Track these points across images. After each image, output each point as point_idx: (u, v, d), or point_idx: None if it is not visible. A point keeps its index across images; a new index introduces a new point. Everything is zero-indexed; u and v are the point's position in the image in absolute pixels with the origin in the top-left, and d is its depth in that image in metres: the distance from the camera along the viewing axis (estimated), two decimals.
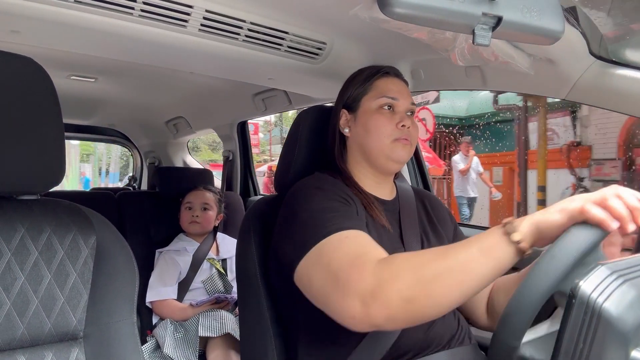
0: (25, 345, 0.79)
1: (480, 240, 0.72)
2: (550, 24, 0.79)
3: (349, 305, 0.75)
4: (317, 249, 0.83)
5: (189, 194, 2.10)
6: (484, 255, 0.70)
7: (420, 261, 0.74)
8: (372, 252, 0.80)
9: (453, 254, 0.72)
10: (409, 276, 0.72)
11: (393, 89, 1.05)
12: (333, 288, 0.78)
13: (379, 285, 0.73)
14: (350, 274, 0.76)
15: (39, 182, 0.83)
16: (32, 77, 0.81)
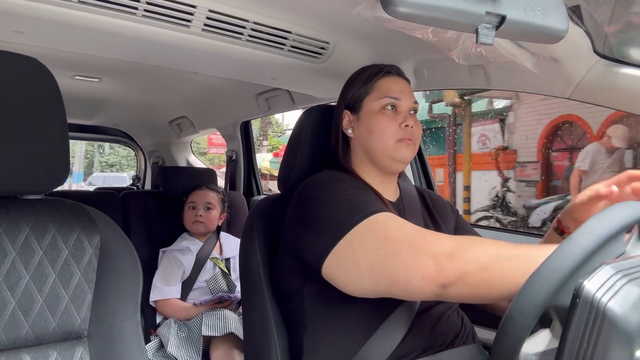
0: (29, 344, 0.80)
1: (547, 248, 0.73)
2: (554, 23, 0.79)
3: (421, 263, 0.76)
4: (362, 227, 0.83)
5: (192, 194, 2.11)
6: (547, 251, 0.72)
7: (497, 243, 0.76)
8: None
9: (527, 247, 0.75)
10: (490, 248, 0.75)
11: (395, 89, 1.05)
12: (398, 252, 0.78)
13: (460, 247, 0.75)
14: (425, 237, 0.79)
15: (43, 181, 0.84)
16: (36, 77, 0.82)
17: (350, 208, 0.86)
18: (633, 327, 0.55)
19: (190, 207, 2.07)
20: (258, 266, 1.08)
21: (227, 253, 2.06)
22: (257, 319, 1.09)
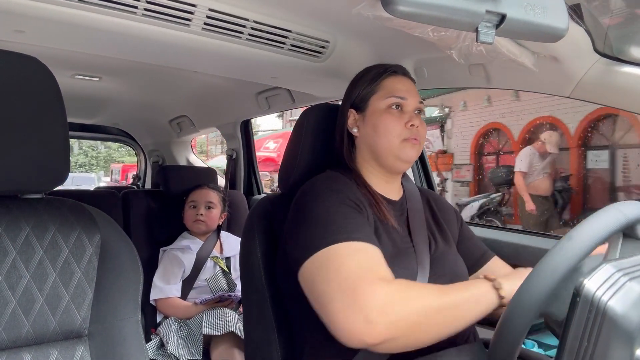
0: (30, 344, 0.80)
1: (474, 288, 0.83)
2: (555, 22, 0.78)
3: (352, 318, 0.75)
4: (325, 253, 0.83)
5: (192, 193, 2.10)
6: (476, 301, 0.81)
7: (427, 293, 0.81)
8: (383, 270, 0.83)
9: (454, 293, 0.81)
10: (418, 303, 0.78)
11: (401, 88, 1.05)
12: (338, 296, 0.78)
13: (391, 304, 0.76)
14: (361, 287, 0.77)
15: (44, 181, 0.84)
16: (36, 77, 0.82)
17: (325, 229, 0.86)
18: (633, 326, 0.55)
19: (191, 206, 2.07)
20: (258, 265, 1.08)
21: (227, 252, 2.06)
22: (258, 317, 1.09)
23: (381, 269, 0.83)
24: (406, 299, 0.78)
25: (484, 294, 0.82)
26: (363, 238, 0.85)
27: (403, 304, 0.77)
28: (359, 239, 0.85)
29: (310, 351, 0.98)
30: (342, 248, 0.83)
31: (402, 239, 1.01)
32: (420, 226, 1.06)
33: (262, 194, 2.66)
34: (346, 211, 0.90)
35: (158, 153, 3.26)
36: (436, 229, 1.10)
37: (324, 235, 0.85)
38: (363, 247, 0.84)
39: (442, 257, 1.05)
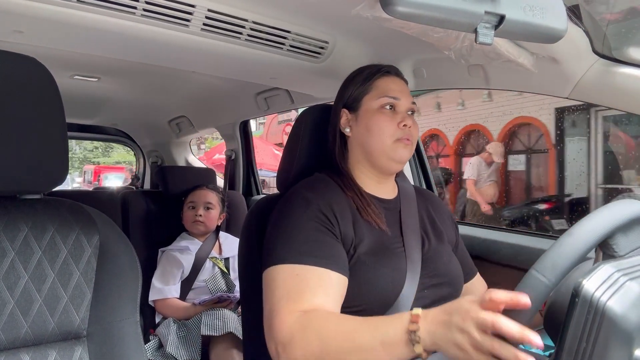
0: (28, 344, 0.80)
1: (385, 334, 0.73)
2: (553, 23, 0.79)
3: (270, 344, 0.84)
4: (273, 271, 0.90)
5: (191, 193, 2.10)
6: (385, 350, 0.72)
7: (329, 335, 0.78)
8: (308, 298, 0.85)
9: (359, 339, 0.75)
10: (315, 346, 0.77)
11: (394, 89, 1.05)
12: (265, 320, 0.88)
13: (290, 343, 0.80)
14: (275, 318, 0.84)
15: (42, 181, 0.84)
16: (35, 77, 0.81)
17: (281, 247, 0.92)
18: (632, 326, 0.55)
19: (189, 207, 2.07)
20: (256, 265, 1.07)
21: (226, 253, 2.06)
22: (256, 317, 1.09)
23: (309, 296, 0.85)
24: (304, 338, 0.79)
25: (395, 345, 0.71)
26: (310, 261, 0.88)
27: (300, 345, 0.78)
28: (304, 262, 0.88)
29: None
30: (284, 270, 0.89)
31: (392, 239, 1.01)
32: (413, 225, 1.06)
33: (261, 194, 2.66)
34: (309, 231, 0.92)
35: (157, 153, 3.26)
36: (430, 229, 1.10)
37: (278, 253, 0.91)
38: (302, 272, 0.88)
39: (435, 257, 1.05)
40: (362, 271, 0.93)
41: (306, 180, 1.05)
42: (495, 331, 0.60)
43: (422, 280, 0.98)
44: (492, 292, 0.62)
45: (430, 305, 0.98)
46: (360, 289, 0.92)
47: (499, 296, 0.61)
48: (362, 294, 0.92)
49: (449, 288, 1.03)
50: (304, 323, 0.81)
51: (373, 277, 0.94)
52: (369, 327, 0.76)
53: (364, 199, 1.02)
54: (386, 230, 1.01)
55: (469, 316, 0.63)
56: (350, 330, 0.77)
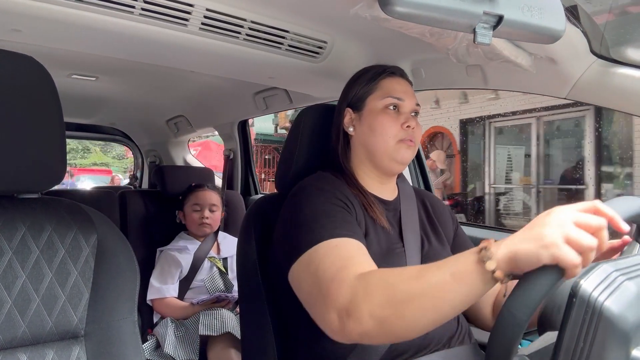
0: (26, 344, 0.80)
1: (455, 264, 0.69)
2: (551, 23, 0.79)
3: (329, 318, 0.77)
4: (308, 255, 0.85)
5: (193, 195, 2.06)
6: (457, 281, 0.67)
7: (395, 281, 0.73)
8: (357, 264, 0.81)
9: (427, 276, 0.70)
10: (381, 296, 0.72)
11: (399, 89, 1.05)
12: (316, 298, 0.81)
13: (353, 302, 0.74)
14: (330, 288, 0.78)
15: (40, 180, 0.84)
16: (33, 76, 0.81)
17: (308, 231, 0.87)
18: (629, 326, 0.55)
19: (194, 209, 2.03)
20: (255, 265, 1.08)
21: (224, 253, 2.06)
22: (255, 317, 1.09)
23: (355, 262, 0.81)
24: (368, 292, 0.73)
25: (466, 272, 0.67)
26: (343, 233, 0.86)
27: (365, 300, 0.73)
28: (339, 235, 0.85)
29: (306, 350, 0.98)
30: (322, 247, 0.84)
31: (392, 239, 1.01)
32: (413, 226, 1.06)
33: (259, 194, 2.65)
34: (330, 209, 0.91)
35: (155, 153, 3.26)
36: (430, 230, 1.11)
37: (307, 238, 0.87)
38: (342, 243, 0.85)
39: (435, 258, 1.05)
40: None
41: (312, 176, 1.04)
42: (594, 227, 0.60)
43: None
44: (598, 203, 0.63)
45: None
46: None
47: (603, 208, 0.62)
48: None
49: None
50: (365, 278, 0.76)
51: None
52: (434, 265, 0.71)
53: (367, 197, 1.02)
54: (389, 229, 1.01)
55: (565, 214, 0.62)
56: (415, 273, 0.72)
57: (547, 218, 0.62)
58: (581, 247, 0.59)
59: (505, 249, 0.64)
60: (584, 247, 0.59)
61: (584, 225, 0.60)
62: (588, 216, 0.61)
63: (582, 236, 0.59)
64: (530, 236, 0.62)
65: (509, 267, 0.64)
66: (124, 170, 13.32)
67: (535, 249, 0.61)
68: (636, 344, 0.57)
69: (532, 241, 0.61)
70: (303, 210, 0.92)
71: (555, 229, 0.60)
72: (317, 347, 0.96)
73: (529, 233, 0.63)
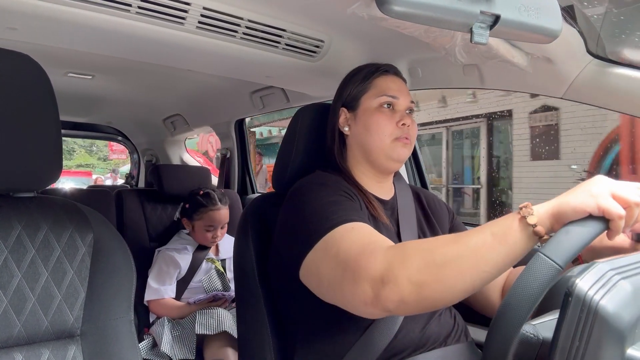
0: (22, 343, 0.79)
1: (494, 225, 0.68)
2: (548, 23, 0.79)
3: (361, 290, 0.74)
4: (324, 242, 0.83)
5: (208, 215, 1.94)
6: (498, 240, 0.67)
7: (431, 246, 0.72)
8: (380, 240, 0.80)
9: (465, 238, 0.69)
10: (418, 260, 0.70)
11: (393, 88, 1.05)
12: (343, 276, 0.77)
13: (389, 269, 0.71)
14: (360, 260, 0.75)
15: (36, 179, 0.83)
16: (28, 74, 0.81)
17: (320, 220, 0.86)
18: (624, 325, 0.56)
19: (207, 230, 1.96)
20: (252, 264, 1.08)
21: (223, 254, 2.05)
22: (251, 317, 1.09)
23: (378, 239, 0.80)
24: (405, 258, 0.71)
25: (507, 230, 0.66)
26: (355, 218, 0.85)
27: (402, 265, 0.71)
28: (352, 220, 0.85)
29: (304, 349, 0.98)
30: (337, 232, 0.82)
31: (391, 237, 1.01)
32: (410, 225, 1.06)
33: (256, 193, 2.65)
34: (338, 199, 0.91)
35: (152, 152, 3.25)
36: (427, 227, 1.11)
37: (319, 226, 0.85)
38: (356, 226, 0.84)
39: None
40: None
41: (312, 175, 1.04)
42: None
43: None
44: None
45: None
46: None
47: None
48: None
49: None
50: (399, 247, 0.74)
51: None
52: (473, 229, 0.71)
53: (367, 195, 1.02)
54: (389, 226, 1.01)
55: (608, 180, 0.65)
56: (453, 238, 0.71)
57: (592, 180, 0.66)
58: (627, 202, 0.62)
59: (548, 205, 0.66)
60: (630, 202, 0.62)
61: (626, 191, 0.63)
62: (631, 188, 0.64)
63: (628, 192, 0.63)
64: (576, 191, 0.65)
65: (550, 221, 0.66)
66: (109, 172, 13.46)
67: (582, 198, 0.64)
68: (631, 343, 0.57)
69: (579, 194, 0.64)
70: (309, 204, 0.90)
71: (602, 184, 0.64)
72: (315, 346, 0.96)
73: (574, 191, 0.66)
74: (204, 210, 1.94)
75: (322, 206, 0.88)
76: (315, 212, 0.88)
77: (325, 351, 0.94)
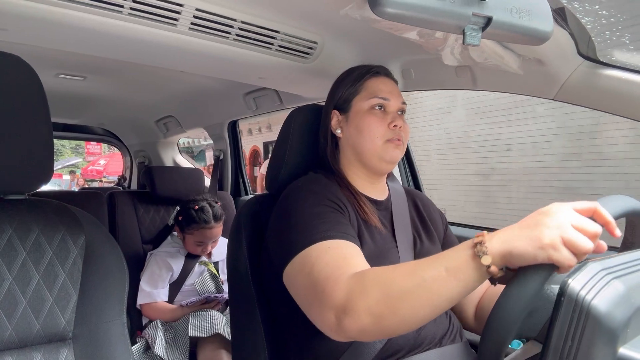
0: (13, 347, 0.79)
1: (449, 259, 0.70)
2: (539, 25, 0.80)
3: (326, 317, 0.77)
4: (302, 256, 0.85)
5: (200, 233, 1.91)
6: (451, 275, 0.68)
7: (390, 277, 0.74)
8: (351, 264, 0.82)
9: (421, 272, 0.71)
10: (377, 292, 0.73)
11: (384, 89, 1.05)
12: (312, 298, 0.81)
13: (349, 299, 0.74)
14: (326, 287, 0.78)
15: (27, 181, 0.83)
16: (19, 76, 0.80)
17: (302, 232, 0.88)
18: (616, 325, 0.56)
19: (197, 244, 1.93)
20: (245, 266, 1.08)
21: (216, 257, 2.04)
22: (245, 319, 1.08)
23: (349, 263, 0.82)
24: (364, 289, 0.74)
25: (461, 267, 0.68)
26: (336, 235, 0.86)
27: (361, 297, 0.73)
28: (331, 237, 0.86)
29: (298, 352, 0.97)
30: (314, 250, 0.85)
31: (385, 238, 1.01)
32: (405, 225, 1.07)
33: (249, 194, 2.65)
34: (322, 211, 0.91)
35: (144, 153, 3.23)
36: (422, 228, 1.11)
37: (300, 240, 0.87)
38: (334, 244, 0.85)
39: (427, 256, 1.05)
40: None
41: (304, 177, 1.04)
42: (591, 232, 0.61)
43: None
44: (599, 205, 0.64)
45: None
46: None
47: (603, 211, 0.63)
48: None
49: None
50: (360, 276, 0.76)
51: None
52: (429, 260, 0.72)
53: (358, 198, 1.02)
54: (381, 228, 1.01)
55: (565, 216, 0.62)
56: (410, 268, 0.73)
57: (546, 218, 0.63)
58: (578, 250, 0.60)
59: (501, 245, 0.65)
60: (581, 251, 0.60)
61: (581, 229, 0.61)
62: (586, 221, 0.62)
63: (580, 240, 0.60)
64: (528, 235, 0.63)
65: (503, 262, 0.65)
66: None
67: (533, 249, 0.62)
68: (623, 342, 0.57)
69: (530, 241, 0.62)
70: (295, 213, 0.92)
71: (553, 230, 0.61)
72: (309, 348, 0.96)
73: (527, 232, 0.63)
74: (196, 227, 1.91)
75: (305, 218, 0.90)
76: (298, 223, 0.90)
77: (320, 353, 0.94)
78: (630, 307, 0.58)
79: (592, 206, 0.64)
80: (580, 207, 0.64)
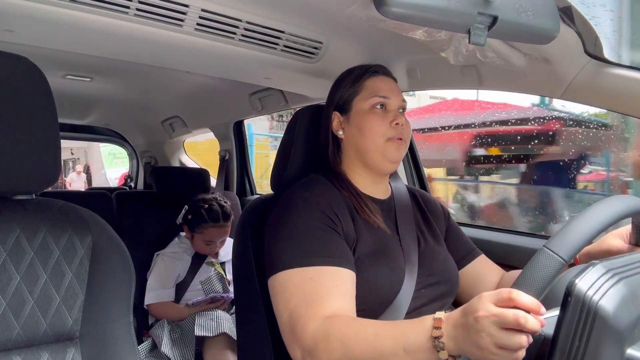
0: (20, 346, 0.79)
1: (408, 339, 0.73)
2: (546, 24, 0.79)
3: (294, 351, 0.85)
4: (283, 277, 0.89)
5: (209, 232, 1.91)
6: (409, 356, 0.72)
7: (352, 341, 0.77)
8: (324, 305, 0.84)
9: (380, 345, 0.75)
10: (337, 353, 0.78)
11: (384, 88, 1.05)
12: (286, 330, 0.87)
13: (314, 349, 0.80)
14: (296, 326, 0.84)
15: (35, 181, 0.83)
16: (27, 77, 0.81)
17: (288, 249, 0.91)
18: (624, 325, 0.56)
19: (206, 243, 1.93)
20: (251, 265, 1.08)
21: (222, 257, 2.04)
22: (251, 318, 1.09)
23: (323, 303, 0.84)
24: (328, 343, 0.79)
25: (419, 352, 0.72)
26: (318, 262, 0.88)
27: (325, 349, 0.79)
28: (314, 263, 0.88)
29: None
30: (296, 275, 0.88)
31: (389, 238, 1.01)
32: (408, 225, 1.06)
33: (255, 194, 2.65)
34: (313, 230, 0.92)
35: (150, 154, 3.24)
36: (425, 228, 1.11)
37: (285, 256, 0.90)
38: (317, 274, 0.87)
39: (431, 255, 1.05)
40: (361, 271, 0.93)
41: (302, 181, 1.04)
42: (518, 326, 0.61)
43: (419, 279, 0.98)
44: (513, 292, 0.63)
45: (427, 304, 0.98)
46: (360, 288, 0.92)
47: (522, 299, 0.62)
48: (361, 294, 0.92)
49: (446, 286, 1.04)
50: (327, 330, 0.81)
51: (372, 276, 0.94)
52: (391, 332, 0.76)
53: (360, 199, 1.02)
54: (384, 228, 1.01)
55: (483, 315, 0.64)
56: (372, 337, 0.76)
57: (476, 324, 0.65)
58: (514, 349, 0.62)
59: (455, 347, 0.69)
60: (517, 349, 0.62)
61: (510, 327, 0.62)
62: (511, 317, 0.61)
63: (511, 341, 0.62)
64: (471, 340, 0.66)
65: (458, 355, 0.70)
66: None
67: (481, 354, 0.65)
68: (631, 343, 0.57)
69: (475, 347, 0.65)
70: (285, 225, 0.94)
71: (486, 339, 0.64)
72: None
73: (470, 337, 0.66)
74: (205, 226, 1.90)
75: (294, 234, 0.92)
76: (285, 238, 0.93)
77: None
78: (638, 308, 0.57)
79: (506, 296, 0.63)
80: (500, 301, 0.64)
